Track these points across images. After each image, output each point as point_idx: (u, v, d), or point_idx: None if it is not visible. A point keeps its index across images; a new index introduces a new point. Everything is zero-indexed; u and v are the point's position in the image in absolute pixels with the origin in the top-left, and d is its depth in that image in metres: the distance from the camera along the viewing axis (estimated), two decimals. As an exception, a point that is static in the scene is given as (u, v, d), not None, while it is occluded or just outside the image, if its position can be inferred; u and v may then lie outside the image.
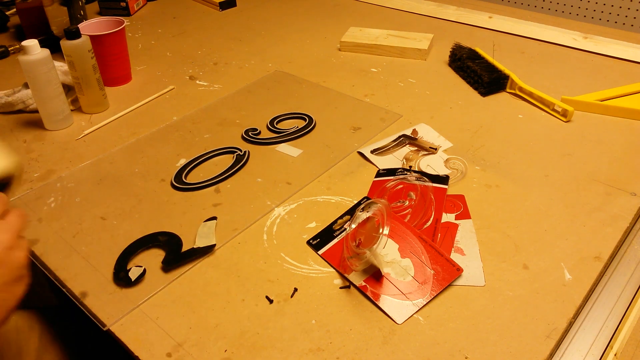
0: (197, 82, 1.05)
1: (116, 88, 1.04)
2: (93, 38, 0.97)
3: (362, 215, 0.65)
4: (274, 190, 0.75)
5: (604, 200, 0.71)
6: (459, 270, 0.60)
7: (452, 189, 0.74)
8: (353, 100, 0.97)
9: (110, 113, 0.95)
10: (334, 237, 0.66)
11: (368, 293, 0.59)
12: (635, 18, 1.58)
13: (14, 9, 1.38)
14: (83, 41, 0.89)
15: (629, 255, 0.65)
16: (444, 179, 0.75)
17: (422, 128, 0.87)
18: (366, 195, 0.74)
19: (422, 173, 0.76)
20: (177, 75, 1.08)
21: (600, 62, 1.07)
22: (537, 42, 1.16)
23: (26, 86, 0.94)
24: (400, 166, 0.79)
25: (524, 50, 1.13)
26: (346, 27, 1.20)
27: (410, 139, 0.84)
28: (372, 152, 0.82)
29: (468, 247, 0.64)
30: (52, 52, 0.88)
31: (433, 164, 0.79)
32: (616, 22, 1.62)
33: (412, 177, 0.75)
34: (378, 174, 0.77)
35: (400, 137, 0.84)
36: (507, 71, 0.97)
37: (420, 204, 0.71)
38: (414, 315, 0.56)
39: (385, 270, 0.61)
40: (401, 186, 0.74)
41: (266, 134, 0.88)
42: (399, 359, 0.52)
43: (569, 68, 1.05)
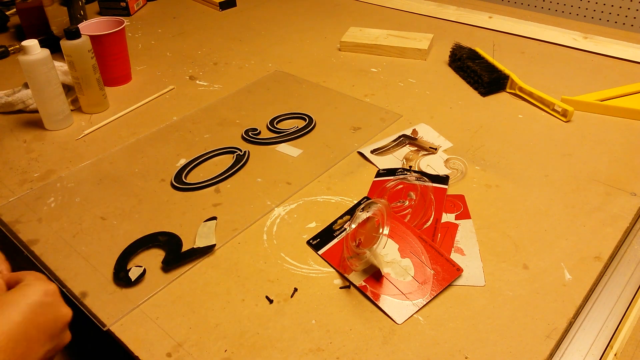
0: (197, 82, 1.05)
1: (116, 88, 1.04)
2: (93, 38, 0.97)
3: (362, 215, 0.65)
4: (274, 190, 0.75)
5: (604, 200, 0.71)
6: (459, 270, 0.60)
7: (452, 189, 0.74)
8: (353, 100, 0.97)
9: (110, 113, 0.95)
10: (334, 237, 0.66)
11: (368, 293, 0.59)
12: (635, 18, 1.58)
13: (14, 9, 1.38)
14: (83, 41, 0.89)
15: (629, 255, 0.65)
16: (444, 179, 0.75)
17: (422, 128, 0.87)
18: (366, 195, 0.74)
19: (422, 173, 0.76)
20: (177, 75, 1.08)
21: (600, 62, 1.07)
22: (537, 42, 1.16)
23: (26, 86, 0.94)
24: (400, 166, 0.79)
25: (524, 50, 1.13)
26: (346, 27, 1.20)
27: (410, 139, 0.84)
28: (372, 152, 0.82)
29: (468, 247, 0.64)
30: (52, 52, 0.88)
31: (433, 164, 0.79)
32: (616, 22, 1.62)
33: (412, 177, 0.75)
34: (378, 174, 0.77)
35: (400, 137, 0.84)
36: (507, 71, 0.97)
37: (420, 204, 0.71)
38: (414, 315, 0.56)
39: (385, 270, 0.61)
40: (401, 186, 0.74)
41: (266, 134, 0.88)
42: (399, 359, 0.52)
43: (569, 68, 1.05)
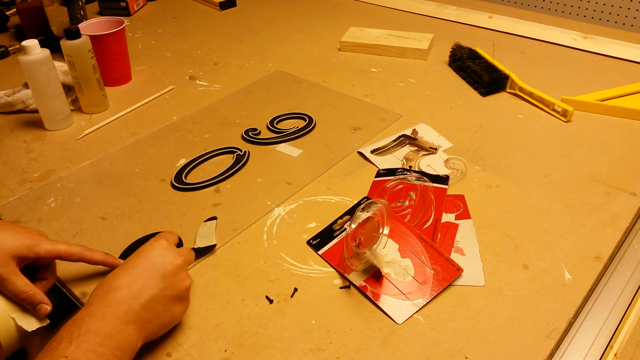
0: (197, 82, 1.05)
1: (116, 88, 1.04)
2: (93, 38, 0.97)
3: (362, 215, 0.65)
4: (274, 190, 0.75)
5: (604, 200, 0.71)
6: (459, 270, 0.60)
7: (452, 189, 0.74)
8: (353, 100, 0.97)
9: (110, 113, 0.95)
10: (334, 237, 0.66)
11: (368, 293, 0.59)
12: (635, 18, 1.58)
13: (14, 9, 1.39)
14: (83, 41, 0.89)
15: (629, 255, 0.65)
16: (444, 179, 0.75)
17: (422, 128, 0.87)
18: (366, 195, 0.74)
19: (422, 173, 0.76)
20: (177, 75, 1.08)
21: (600, 62, 1.07)
22: (537, 42, 1.16)
23: (26, 86, 0.94)
24: (400, 166, 0.79)
25: (524, 50, 1.13)
26: (346, 27, 1.20)
27: (410, 139, 0.84)
28: (372, 152, 0.82)
29: (468, 247, 0.64)
30: (52, 52, 0.88)
31: (433, 164, 0.79)
32: (616, 22, 1.63)
33: (412, 177, 0.75)
34: (378, 174, 0.77)
35: (400, 137, 0.84)
36: (507, 71, 0.97)
37: (420, 204, 0.71)
38: (414, 315, 0.56)
39: (385, 270, 0.61)
40: (401, 186, 0.74)
41: (266, 134, 0.88)
42: (399, 359, 0.52)
43: (569, 68, 1.05)
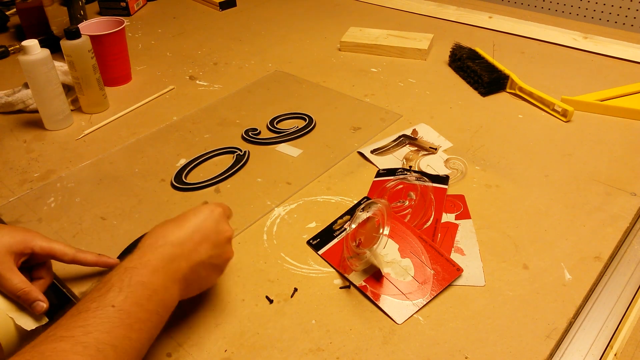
0: (197, 82, 1.05)
1: (116, 88, 1.04)
2: (93, 38, 0.97)
3: (362, 215, 0.65)
4: (274, 190, 0.75)
5: (604, 200, 0.71)
6: (459, 270, 0.60)
7: (452, 189, 0.74)
8: (353, 100, 0.97)
9: (110, 113, 0.95)
10: (334, 237, 0.66)
11: (368, 293, 0.59)
12: (635, 18, 1.59)
13: (14, 9, 1.39)
14: (83, 41, 0.89)
15: (629, 255, 0.65)
16: (444, 179, 0.75)
17: (422, 128, 0.87)
18: (366, 195, 0.74)
19: (422, 173, 0.76)
20: (177, 75, 1.08)
21: (600, 62, 1.07)
22: (537, 42, 1.16)
23: (26, 86, 0.94)
24: (400, 166, 0.79)
25: (524, 50, 1.13)
26: (346, 27, 1.20)
27: (410, 139, 0.84)
28: (372, 152, 0.82)
29: (468, 247, 0.64)
30: (52, 52, 0.88)
31: (433, 164, 0.79)
32: (616, 22, 1.63)
33: (412, 177, 0.75)
34: (378, 174, 0.77)
35: (400, 137, 0.84)
36: (507, 71, 0.97)
37: (420, 204, 0.71)
38: (414, 315, 0.56)
39: (385, 270, 0.61)
40: (401, 186, 0.74)
41: (266, 134, 0.88)
42: (399, 359, 0.52)
43: (569, 68, 1.05)
